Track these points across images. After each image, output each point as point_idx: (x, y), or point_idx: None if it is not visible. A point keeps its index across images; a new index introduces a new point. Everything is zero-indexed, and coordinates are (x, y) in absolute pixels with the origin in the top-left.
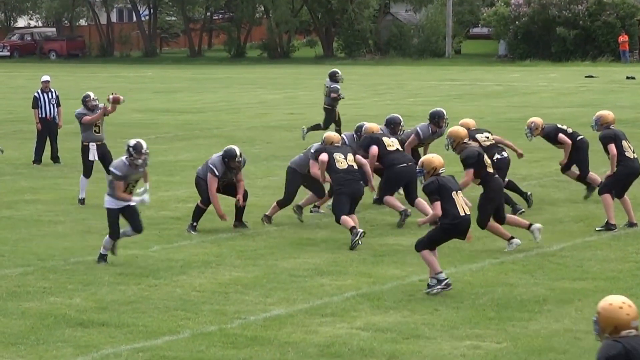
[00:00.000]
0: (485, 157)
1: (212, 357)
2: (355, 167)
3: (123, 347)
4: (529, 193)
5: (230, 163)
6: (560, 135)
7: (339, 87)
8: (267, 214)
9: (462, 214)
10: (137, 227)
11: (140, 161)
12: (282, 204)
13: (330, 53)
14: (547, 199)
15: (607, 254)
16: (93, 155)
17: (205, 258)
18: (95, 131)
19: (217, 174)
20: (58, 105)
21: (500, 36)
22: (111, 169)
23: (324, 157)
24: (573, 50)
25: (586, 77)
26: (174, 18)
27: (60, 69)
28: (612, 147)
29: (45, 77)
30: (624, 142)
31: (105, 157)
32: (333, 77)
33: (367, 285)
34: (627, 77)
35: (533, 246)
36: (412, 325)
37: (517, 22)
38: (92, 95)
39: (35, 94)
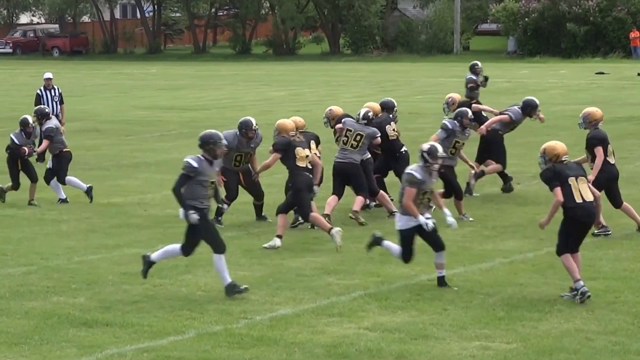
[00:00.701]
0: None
1: (217, 358)
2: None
3: (127, 347)
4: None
5: (248, 133)
6: None
7: (474, 77)
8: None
9: (578, 200)
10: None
11: (436, 166)
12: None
13: (336, 50)
14: None
15: (618, 253)
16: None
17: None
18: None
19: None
20: (61, 102)
21: (509, 32)
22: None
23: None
24: (583, 47)
25: (597, 73)
26: (178, 14)
27: (63, 66)
28: (600, 151)
29: (48, 74)
30: (609, 146)
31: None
32: (472, 69)
33: (375, 285)
34: (639, 74)
35: (543, 245)
36: (420, 326)
37: (526, 18)
38: (30, 121)
39: (38, 92)
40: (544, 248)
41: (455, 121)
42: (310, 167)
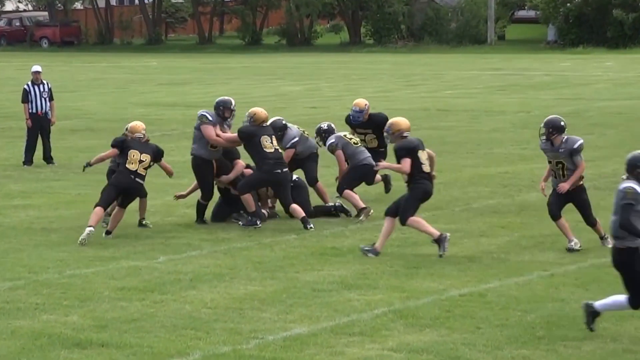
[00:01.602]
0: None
1: None
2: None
3: None
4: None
5: (225, 112)
6: None
7: None
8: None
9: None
10: None
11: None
12: None
13: (357, 39)
14: (603, 203)
15: None
16: None
17: (218, 270)
18: None
19: (210, 119)
20: (51, 99)
21: (549, 20)
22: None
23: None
24: (632, 36)
25: None
26: (181, 1)
27: (53, 58)
28: (407, 162)
29: (36, 68)
30: (420, 153)
31: None
32: None
33: (400, 301)
34: None
35: (587, 256)
36: (450, 346)
37: (568, 4)
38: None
39: (25, 87)
40: (588, 260)
41: None
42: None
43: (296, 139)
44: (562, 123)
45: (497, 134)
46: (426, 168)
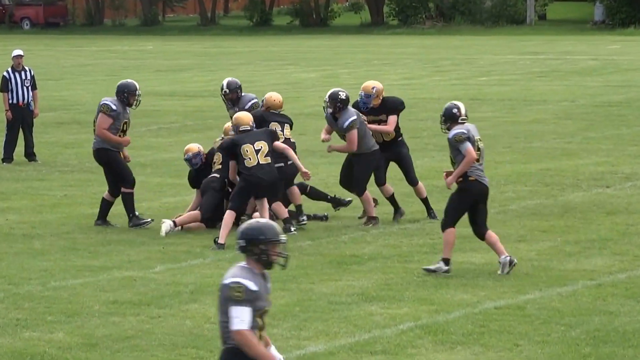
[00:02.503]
0: None
1: None
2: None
3: None
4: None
5: (130, 99)
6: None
7: None
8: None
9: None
10: None
11: None
12: None
13: (379, 20)
14: None
15: None
16: None
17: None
18: None
19: (114, 108)
20: (34, 87)
21: None
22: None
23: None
24: None
25: None
26: None
27: (36, 41)
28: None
29: (18, 52)
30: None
31: None
32: None
33: (428, 315)
34: None
35: (639, 264)
36: None
37: None
38: None
39: (5, 74)
40: None
41: None
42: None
43: None
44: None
45: (538, 126)
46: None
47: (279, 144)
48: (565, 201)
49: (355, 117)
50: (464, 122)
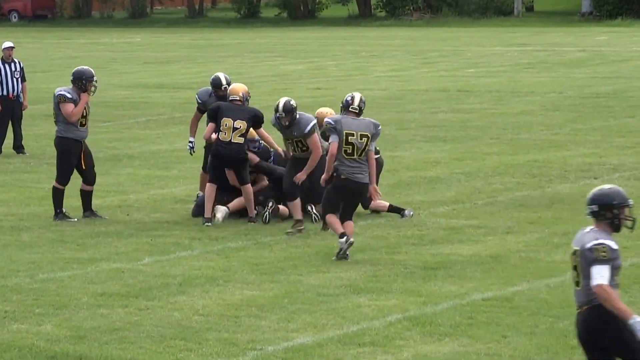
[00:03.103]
0: None
1: None
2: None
3: None
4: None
5: (88, 85)
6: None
7: None
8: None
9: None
10: None
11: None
12: None
13: (367, 12)
14: None
15: None
16: None
17: (211, 273)
18: None
19: (69, 96)
20: (23, 80)
21: None
22: None
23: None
24: None
25: None
26: None
27: (24, 33)
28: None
29: (8, 44)
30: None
31: None
32: None
33: (416, 306)
34: None
35: (627, 255)
36: (473, 357)
37: None
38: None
39: None
40: (628, 259)
41: None
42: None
43: None
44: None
45: (525, 118)
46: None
47: (263, 131)
48: (553, 192)
49: (315, 121)
50: (356, 113)
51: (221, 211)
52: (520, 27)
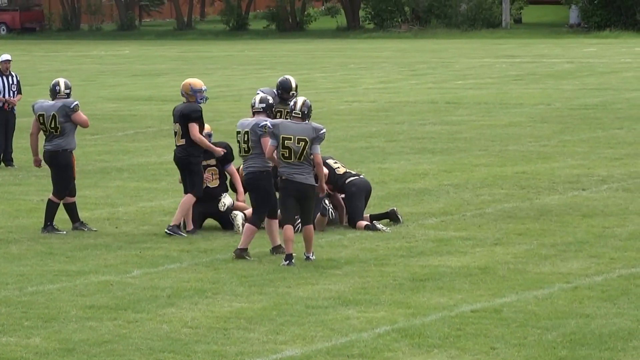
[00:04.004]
0: None
1: None
2: None
3: None
4: None
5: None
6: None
7: None
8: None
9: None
10: None
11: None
12: None
13: (355, 24)
14: (633, 207)
15: None
16: None
17: (199, 285)
18: None
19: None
20: (19, 92)
21: (571, 0)
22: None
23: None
24: None
25: None
26: None
27: (13, 46)
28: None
29: (5, 57)
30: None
31: None
32: None
33: (405, 318)
34: None
35: (615, 266)
36: None
37: None
38: None
39: None
40: (616, 270)
41: None
42: None
43: None
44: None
45: (514, 129)
46: None
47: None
48: (541, 204)
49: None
50: (299, 117)
51: (239, 218)
52: (508, 38)
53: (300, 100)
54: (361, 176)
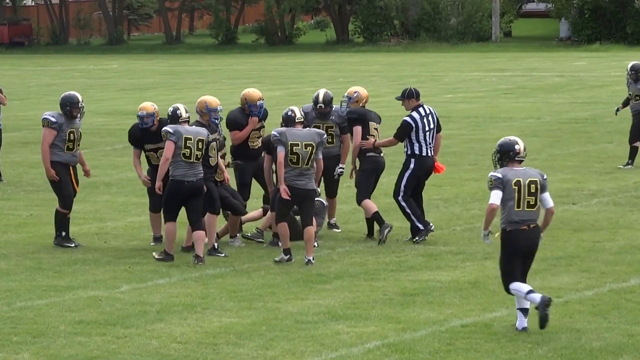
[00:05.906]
0: None
1: None
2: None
3: None
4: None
5: (73, 111)
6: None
7: None
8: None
9: None
10: None
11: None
12: None
13: (345, 37)
14: (623, 221)
15: None
16: None
17: (188, 300)
18: None
19: (54, 120)
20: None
21: (561, 14)
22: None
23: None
24: None
25: None
26: None
27: (2, 61)
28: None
29: None
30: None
31: None
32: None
33: (395, 333)
34: None
35: (605, 281)
36: None
37: None
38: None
39: None
40: (607, 284)
41: None
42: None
43: None
44: None
45: None
46: None
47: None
48: None
49: None
50: (302, 124)
51: (239, 240)
52: (498, 52)
53: (296, 109)
54: (381, 154)
